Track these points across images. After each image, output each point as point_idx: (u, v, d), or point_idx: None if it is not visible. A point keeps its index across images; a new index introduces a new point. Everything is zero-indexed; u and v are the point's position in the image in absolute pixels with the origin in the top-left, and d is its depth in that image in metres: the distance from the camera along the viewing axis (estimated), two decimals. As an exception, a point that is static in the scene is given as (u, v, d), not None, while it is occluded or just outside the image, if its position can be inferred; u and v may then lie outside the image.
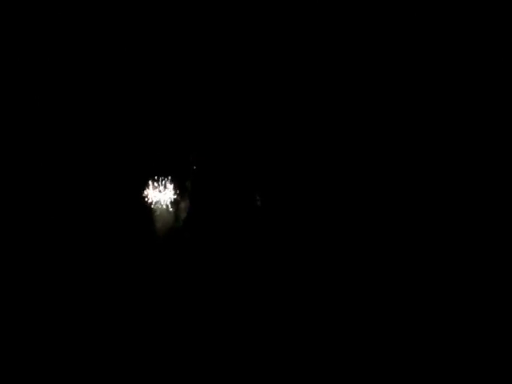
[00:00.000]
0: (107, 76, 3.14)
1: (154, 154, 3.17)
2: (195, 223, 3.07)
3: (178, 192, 3.11)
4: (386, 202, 2.93)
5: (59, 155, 3.05)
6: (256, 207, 3.05)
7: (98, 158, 3.09)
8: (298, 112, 3.11)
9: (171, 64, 3.18)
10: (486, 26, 2.89)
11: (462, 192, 2.87)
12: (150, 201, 3.11)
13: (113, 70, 3.14)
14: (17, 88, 3.05)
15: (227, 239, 3.00)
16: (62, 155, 3.06)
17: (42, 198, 2.98)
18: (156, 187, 3.12)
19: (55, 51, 3.10)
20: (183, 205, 3.11)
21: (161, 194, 3.11)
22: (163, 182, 3.12)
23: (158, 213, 3.09)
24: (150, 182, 3.13)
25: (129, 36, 3.13)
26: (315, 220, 2.97)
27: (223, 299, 2.83)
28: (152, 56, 3.16)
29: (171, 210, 3.09)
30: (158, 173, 3.14)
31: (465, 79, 2.94)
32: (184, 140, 3.18)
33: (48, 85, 3.08)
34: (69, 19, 3.09)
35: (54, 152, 3.05)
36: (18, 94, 3.05)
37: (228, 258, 2.95)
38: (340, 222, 2.95)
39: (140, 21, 3.12)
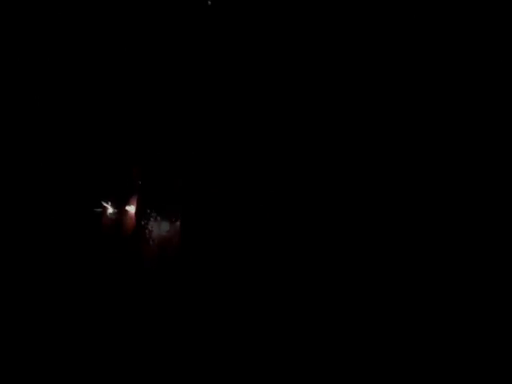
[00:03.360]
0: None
1: (148, 154, 3.15)
2: (191, 224, 3.05)
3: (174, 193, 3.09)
4: (385, 202, 2.94)
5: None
6: (255, 209, 3.04)
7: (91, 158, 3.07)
8: (297, 112, 3.11)
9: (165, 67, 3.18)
10: (486, 26, 2.90)
11: (462, 192, 2.88)
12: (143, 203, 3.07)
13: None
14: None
15: (225, 240, 2.99)
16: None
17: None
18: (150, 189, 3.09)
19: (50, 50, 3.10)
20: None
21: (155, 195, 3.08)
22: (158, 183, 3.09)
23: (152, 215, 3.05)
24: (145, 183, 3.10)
25: (127, 36, 3.14)
26: (315, 220, 2.97)
27: (222, 300, 2.83)
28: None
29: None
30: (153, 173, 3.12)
31: (465, 79, 2.96)
32: (181, 140, 3.17)
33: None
34: (68, 19, 3.09)
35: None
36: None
37: (226, 259, 2.94)
38: (340, 221, 2.95)
39: (140, 21, 3.13)
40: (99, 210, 2.93)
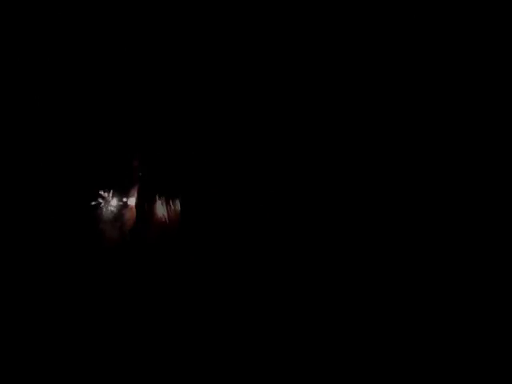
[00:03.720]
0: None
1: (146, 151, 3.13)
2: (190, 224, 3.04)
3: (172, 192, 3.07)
4: (385, 203, 2.93)
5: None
6: (254, 209, 3.04)
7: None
8: (297, 112, 3.11)
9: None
10: (486, 25, 2.90)
11: (462, 192, 2.87)
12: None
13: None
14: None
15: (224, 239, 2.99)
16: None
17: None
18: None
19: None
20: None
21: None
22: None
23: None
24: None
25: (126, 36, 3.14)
26: (315, 220, 2.97)
27: (220, 299, 2.82)
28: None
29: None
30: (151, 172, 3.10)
31: (465, 79, 2.95)
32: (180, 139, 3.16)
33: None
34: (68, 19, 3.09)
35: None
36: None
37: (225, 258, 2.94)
38: (340, 221, 2.95)
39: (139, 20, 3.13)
40: (97, 202, 2.93)
